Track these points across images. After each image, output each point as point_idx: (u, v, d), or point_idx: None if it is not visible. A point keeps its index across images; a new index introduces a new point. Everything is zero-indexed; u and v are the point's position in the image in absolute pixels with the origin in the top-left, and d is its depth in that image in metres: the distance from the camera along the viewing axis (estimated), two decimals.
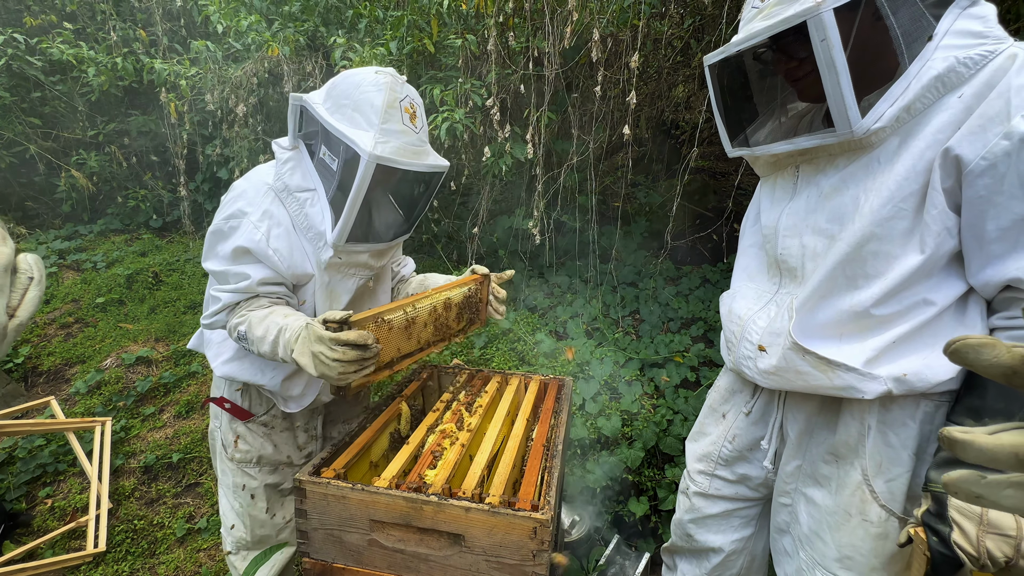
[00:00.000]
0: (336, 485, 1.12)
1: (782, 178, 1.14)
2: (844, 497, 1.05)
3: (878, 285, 0.95)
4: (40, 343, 3.46)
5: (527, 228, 3.20)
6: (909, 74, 0.88)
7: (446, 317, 1.44)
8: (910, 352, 0.94)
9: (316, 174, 1.31)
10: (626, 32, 2.45)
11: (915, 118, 0.90)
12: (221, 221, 1.29)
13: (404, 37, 2.97)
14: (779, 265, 1.13)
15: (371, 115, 1.20)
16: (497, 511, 1.03)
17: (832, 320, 1.01)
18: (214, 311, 1.32)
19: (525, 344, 2.99)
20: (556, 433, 1.39)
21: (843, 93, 0.88)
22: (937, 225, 0.90)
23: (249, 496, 1.51)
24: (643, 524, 2.17)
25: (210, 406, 1.56)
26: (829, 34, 0.85)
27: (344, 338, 1.07)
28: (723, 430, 1.36)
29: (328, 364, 1.09)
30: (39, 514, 2.44)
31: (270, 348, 1.20)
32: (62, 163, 4.70)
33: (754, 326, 1.14)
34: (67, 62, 4.20)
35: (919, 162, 0.89)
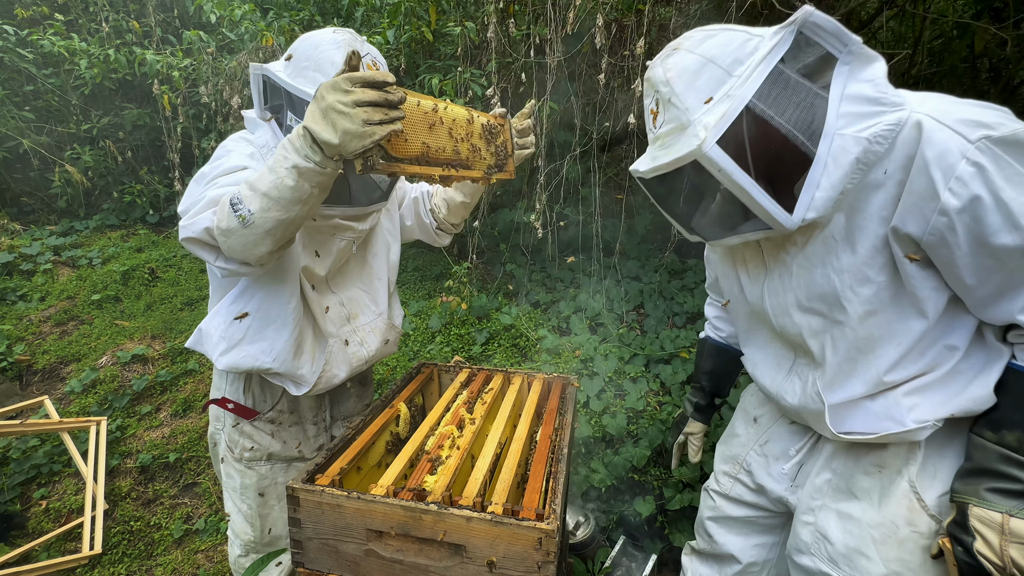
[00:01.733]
0: (331, 493, 1.07)
1: (750, 254, 1.14)
2: (890, 508, 1.01)
3: (894, 353, 0.95)
4: (35, 341, 3.41)
5: (529, 221, 3.13)
6: (819, 158, 0.88)
7: (473, 137, 1.26)
8: (947, 391, 0.95)
9: None
10: (631, 18, 2.37)
11: (851, 196, 0.91)
12: (206, 166, 1.21)
13: (401, 25, 2.89)
14: (784, 337, 1.14)
15: (331, 72, 1.16)
16: (500, 520, 0.98)
17: (863, 391, 1.00)
18: (197, 209, 1.10)
19: (527, 340, 2.93)
20: (561, 436, 1.33)
21: (762, 205, 0.89)
22: (923, 290, 0.91)
23: (259, 495, 1.46)
24: (649, 524, 2.13)
25: (210, 410, 1.50)
26: (723, 165, 0.86)
27: (360, 76, 0.91)
28: (754, 434, 1.33)
29: (348, 112, 0.90)
30: (34, 516, 2.40)
31: (273, 173, 1.00)
32: (56, 158, 4.63)
33: (785, 403, 1.15)
34: (59, 54, 4.12)
35: (876, 240, 0.91)
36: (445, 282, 3.36)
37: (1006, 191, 0.78)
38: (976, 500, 0.87)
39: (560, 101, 2.88)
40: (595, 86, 2.60)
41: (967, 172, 0.79)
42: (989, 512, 0.85)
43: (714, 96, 0.90)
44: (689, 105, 0.93)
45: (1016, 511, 0.83)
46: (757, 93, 0.86)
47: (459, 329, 3.12)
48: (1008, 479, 0.85)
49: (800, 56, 0.91)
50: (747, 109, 0.86)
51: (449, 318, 3.18)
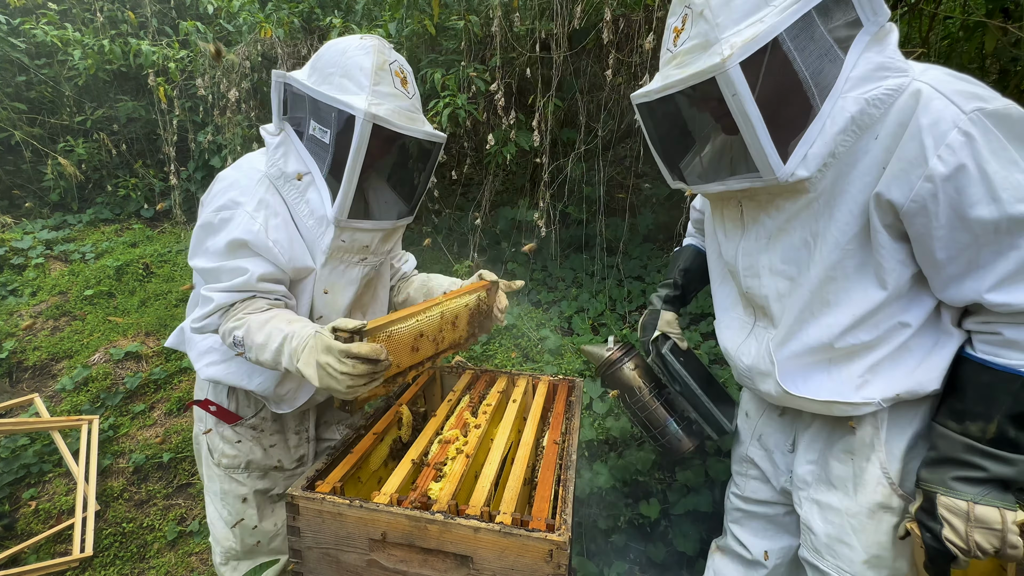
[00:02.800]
0: (332, 501, 1.03)
1: (729, 211, 1.14)
2: (866, 495, 1.05)
3: (845, 319, 0.98)
4: (25, 337, 3.34)
5: (532, 220, 3.09)
6: (822, 114, 0.90)
7: (455, 327, 1.35)
8: (897, 371, 0.98)
9: (308, 155, 1.22)
10: (639, 13, 2.32)
11: (843, 159, 0.92)
12: (211, 214, 1.18)
13: (403, 18, 2.84)
14: (748, 300, 1.17)
15: (361, 78, 1.15)
16: (509, 532, 0.94)
17: (814, 352, 1.04)
18: (205, 313, 1.19)
19: (529, 340, 2.89)
20: (569, 441, 1.29)
21: (761, 143, 0.89)
22: (890, 261, 0.93)
23: (237, 503, 1.42)
24: (653, 528, 2.09)
25: (194, 409, 1.46)
26: (739, 89, 0.86)
27: (356, 351, 0.98)
28: (748, 429, 1.36)
29: (336, 377, 0.99)
30: (23, 517, 2.34)
31: (272, 357, 1.09)
32: (49, 150, 4.55)
33: (741, 363, 1.18)
34: (52, 45, 4.04)
35: (855, 206, 0.93)
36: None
37: (991, 163, 0.81)
38: (943, 489, 0.91)
39: (565, 98, 2.84)
40: (601, 83, 2.56)
41: (957, 140, 0.81)
42: (956, 501, 0.90)
43: (748, 20, 0.88)
44: (721, 21, 0.89)
45: (980, 498, 0.88)
46: (790, 28, 0.85)
47: None
48: (972, 467, 0.90)
49: (831, 13, 0.90)
50: (776, 41, 0.85)
51: None
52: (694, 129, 1.13)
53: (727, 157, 1.10)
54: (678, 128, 1.13)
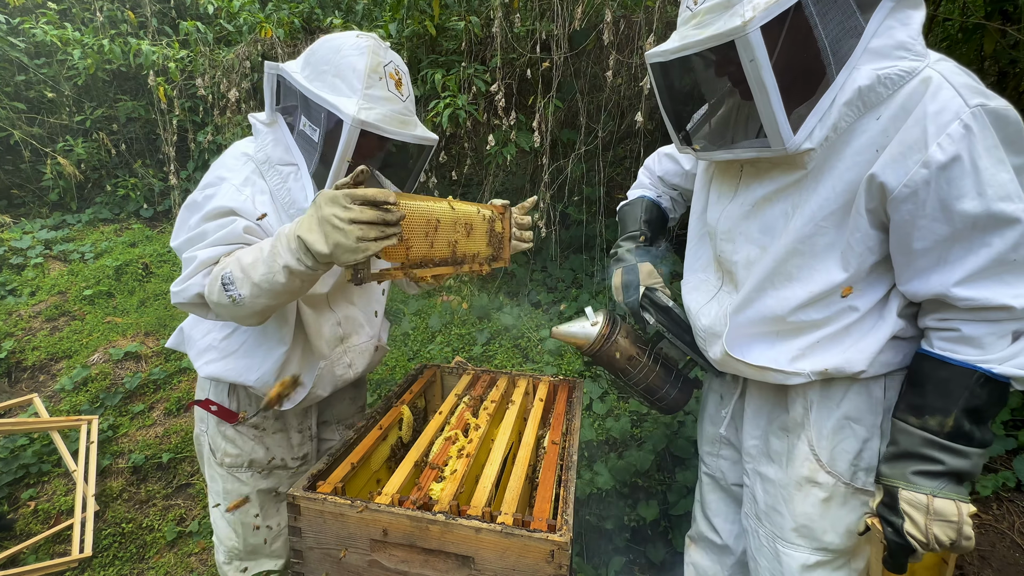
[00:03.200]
0: (333, 501, 1.03)
1: (727, 175, 1.15)
2: (795, 469, 1.11)
3: (802, 294, 1.01)
4: (24, 337, 3.34)
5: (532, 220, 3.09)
6: (835, 85, 0.89)
7: (470, 235, 1.25)
8: (833, 349, 1.02)
9: (297, 148, 1.23)
10: (640, 14, 2.32)
11: (840, 136, 0.92)
12: (196, 193, 1.19)
13: (404, 19, 2.84)
14: (719, 263, 1.18)
15: (353, 80, 1.14)
16: (511, 532, 0.94)
17: (766, 322, 1.07)
18: (188, 273, 1.10)
19: (529, 340, 2.89)
20: (570, 441, 1.30)
21: (774, 112, 0.88)
22: (860, 247, 0.95)
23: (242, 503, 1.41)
24: (653, 529, 2.10)
25: (195, 409, 1.45)
26: (756, 55, 0.84)
27: (361, 194, 0.89)
28: (717, 407, 1.38)
29: (342, 228, 0.88)
30: (22, 517, 2.34)
31: (267, 266, 0.99)
32: (48, 150, 4.55)
33: (699, 322, 1.20)
34: (52, 44, 4.04)
35: (839, 183, 0.93)
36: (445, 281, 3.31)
37: (983, 159, 0.83)
38: (904, 484, 0.94)
39: (565, 98, 2.84)
40: (601, 83, 2.57)
41: (957, 132, 0.83)
42: (916, 495, 0.92)
43: None
44: None
45: (938, 491, 0.91)
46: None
47: (460, 329, 3.08)
48: (931, 461, 0.92)
49: None
50: (798, 4, 0.84)
51: (449, 318, 3.13)
52: (707, 92, 1.12)
53: (737, 123, 1.10)
54: (691, 90, 1.12)
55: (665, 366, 1.40)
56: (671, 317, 1.32)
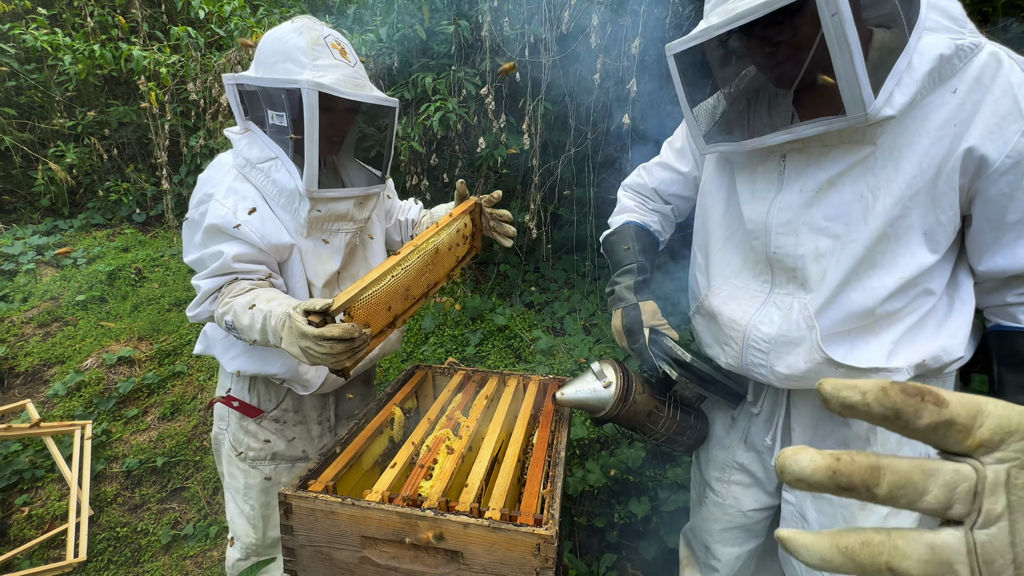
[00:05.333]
0: (324, 500, 1.04)
1: (763, 167, 1.06)
2: None
3: (891, 281, 0.94)
4: (17, 343, 3.33)
5: (523, 222, 3.11)
6: (909, 47, 0.84)
7: (439, 261, 1.38)
8: (920, 339, 0.96)
9: (273, 142, 1.30)
10: (626, 17, 2.36)
11: (912, 111, 0.88)
12: (192, 211, 1.29)
13: (394, 23, 2.86)
14: (771, 263, 1.07)
15: (300, 57, 1.22)
16: (498, 527, 0.97)
17: (845, 321, 0.98)
18: (196, 302, 1.29)
19: (521, 341, 2.92)
20: (558, 439, 1.32)
21: (857, 73, 0.80)
22: (951, 226, 0.91)
23: (264, 497, 1.47)
24: (644, 525, 2.12)
25: (215, 409, 1.51)
26: (840, 7, 0.77)
27: (328, 334, 1.02)
28: (737, 434, 1.30)
29: (319, 357, 1.05)
30: (16, 523, 2.34)
31: (260, 337, 1.16)
32: (39, 155, 4.53)
33: (757, 333, 1.06)
34: (42, 50, 4.03)
35: (925, 159, 0.88)
36: None
37: None
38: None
39: (555, 101, 2.87)
40: (590, 85, 2.60)
41: None
42: None
43: None
44: None
45: None
46: None
47: (453, 330, 3.09)
48: None
49: None
50: None
51: (443, 319, 3.15)
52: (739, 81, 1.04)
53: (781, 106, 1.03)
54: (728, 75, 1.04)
55: (684, 410, 1.28)
56: (689, 369, 1.19)
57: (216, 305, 1.26)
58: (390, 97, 1.35)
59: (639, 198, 1.44)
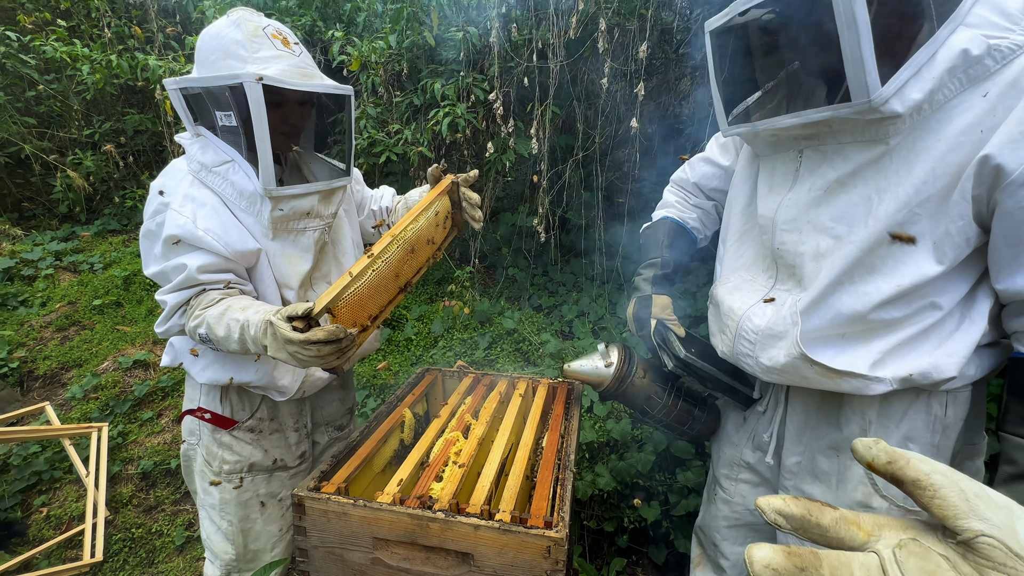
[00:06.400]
0: (337, 501, 1.06)
1: (782, 162, 1.06)
2: (847, 492, 1.05)
3: (887, 290, 0.91)
4: (36, 347, 3.40)
5: (531, 225, 3.13)
6: (936, 40, 0.79)
7: (420, 247, 1.34)
8: (915, 353, 0.93)
9: (226, 144, 1.24)
10: (633, 22, 2.37)
11: (935, 113, 0.83)
12: (148, 221, 1.22)
13: (404, 30, 2.90)
14: (775, 259, 1.08)
15: (239, 50, 1.16)
16: (508, 529, 0.97)
17: (835, 323, 0.97)
18: (164, 317, 1.23)
19: (530, 345, 2.92)
20: (567, 442, 1.32)
21: (863, 55, 0.77)
22: (960, 237, 0.86)
23: (242, 511, 1.41)
24: (655, 529, 2.11)
25: (183, 424, 1.44)
26: None
27: (314, 338, 1.01)
28: (746, 432, 1.31)
29: (308, 360, 1.04)
30: (34, 523, 2.39)
31: (239, 346, 1.13)
32: (58, 163, 4.64)
33: (749, 323, 1.08)
34: (61, 60, 4.13)
35: (939, 165, 0.84)
36: (447, 287, 3.35)
37: None
38: None
39: (563, 105, 2.89)
40: (597, 90, 2.61)
41: None
42: None
43: None
44: None
45: None
46: None
47: (462, 334, 3.11)
48: None
49: None
50: None
51: (452, 323, 3.17)
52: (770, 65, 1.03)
53: (807, 85, 1.01)
54: (751, 62, 1.03)
55: (688, 399, 1.32)
56: (688, 365, 1.23)
57: (186, 319, 1.22)
58: (342, 85, 1.29)
59: (682, 193, 1.44)
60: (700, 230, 1.42)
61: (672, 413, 1.31)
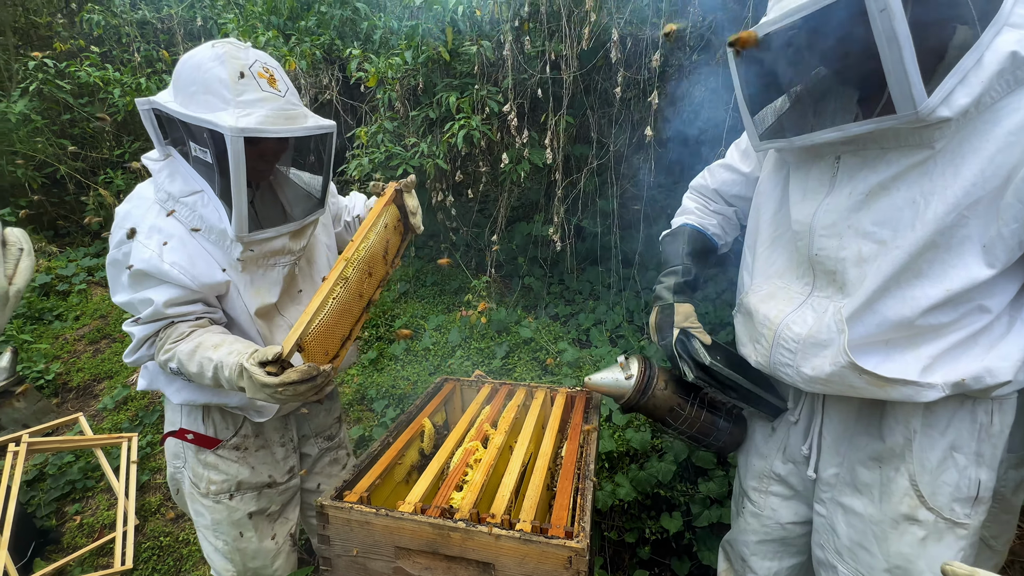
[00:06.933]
0: (359, 510, 1.07)
1: (817, 168, 1.04)
2: (891, 505, 1.02)
3: (936, 293, 0.89)
4: (70, 359, 3.53)
5: (547, 235, 3.14)
6: (980, 44, 0.78)
7: (376, 261, 1.33)
8: (966, 357, 0.91)
9: (196, 174, 1.20)
10: (646, 31, 2.38)
11: (981, 114, 0.82)
12: (114, 250, 1.21)
13: (419, 46, 2.96)
14: (812, 265, 1.06)
15: (223, 91, 1.10)
16: (529, 539, 0.97)
17: (881, 330, 0.95)
18: (132, 348, 1.23)
19: (547, 353, 2.92)
20: (587, 451, 1.32)
21: (906, 69, 0.77)
22: (1014, 240, 0.84)
23: (235, 530, 1.41)
24: (676, 541, 2.08)
25: (167, 447, 1.43)
26: (889, 2, 0.75)
27: (288, 380, 1.04)
28: (776, 444, 1.28)
29: (288, 399, 1.06)
30: (68, 531, 2.46)
31: (213, 383, 1.14)
32: (90, 182, 4.83)
33: (788, 332, 1.06)
34: (94, 84, 4.32)
35: (988, 167, 0.82)
36: (464, 296, 3.38)
37: None
38: None
39: (576, 115, 2.91)
40: (611, 99, 2.62)
41: None
42: None
43: None
44: None
45: None
46: None
47: (479, 343, 3.13)
48: None
49: None
50: None
51: (469, 332, 3.19)
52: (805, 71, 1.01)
53: (846, 99, 1.01)
54: (783, 72, 1.02)
55: (712, 410, 1.30)
56: (710, 374, 1.21)
57: (155, 351, 1.21)
58: (326, 121, 1.24)
59: (701, 200, 1.44)
60: (721, 236, 1.41)
61: (696, 424, 1.29)
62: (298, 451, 1.54)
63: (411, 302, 3.65)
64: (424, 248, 4.06)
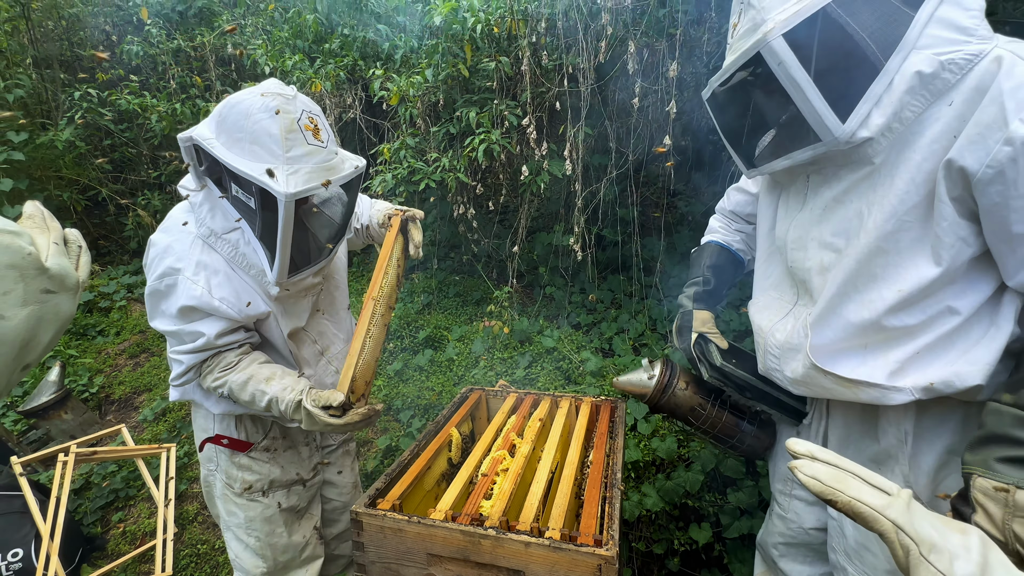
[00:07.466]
0: (392, 517, 1.11)
1: (795, 188, 1.15)
2: None
3: (891, 297, 0.95)
4: (112, 373, 3.69)
5: (567, 244, 3.16)
6: (888, 70, 0.88)
7: (392, 290, 1.48)
8: (936, 361, 0.94)
9: (234, 210, 1.25)
10: (662, 42, 2.41)
11: (908, 127, 0.90)
12: (155, 281, 1.23)
13: (439, 64, 3.05)
14: (793, 276, 1.16)
15: (272, 146, 1.13)
16: (559, 546, 0.99)
17: (851, 334, 1.01)
18: (179, 374, 1.30)
19: (570, 363, 2.93)
20: (614, 460, 1.33)
21: (814, 106, 0.90)
22: (950, 237, 0.89)
23: (268, 526, 1.50)
24: (707, 552, 2.05)
25: (202, 452, 1.51)
26: (783, 57, 0.89)
27: (351, 421, 1.23)
28: None
29: (343, 431, 1.29)
30: (112, 538, 2.57)
31: (266, 413, 1.29)
32: (129, 203, 5.08)
33: (773, 339, 1.15)
34: (133, 111, 4.56)
35: (918, 174, 0.90)
36: (486, 307, 3.41)
37: None
38: (982, 470, 0.81)
39: (594, 126, 2.94)
40: (629, 109, 2.65)
41: None
42: (993, 482, 0.79)
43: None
44: (766, 5, 0.93)
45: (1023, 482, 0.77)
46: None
47: (502, 353, 3.15)
48: (1020, 445, 0.79)
49: None
50: (823, 11, 0.88)
51: (492, 342, 3.22)
52: (758, 112, 1.15)
53: (791, 133, 1.09)
54: (744, 114, 1.17)
55: (735, 412, 1.36)
56: (724, 374, 1.28)
57: (202, 378, 1.30)
58: (359, 161, 1.31)
59: (724, 220, 1.55)
60: (746, 252, 1.51)
61: (718, 425, 1.35)
62: (320, 449, 1.66)
63: (434, 313, 3.71)
64: (446, 260, 4.12)
